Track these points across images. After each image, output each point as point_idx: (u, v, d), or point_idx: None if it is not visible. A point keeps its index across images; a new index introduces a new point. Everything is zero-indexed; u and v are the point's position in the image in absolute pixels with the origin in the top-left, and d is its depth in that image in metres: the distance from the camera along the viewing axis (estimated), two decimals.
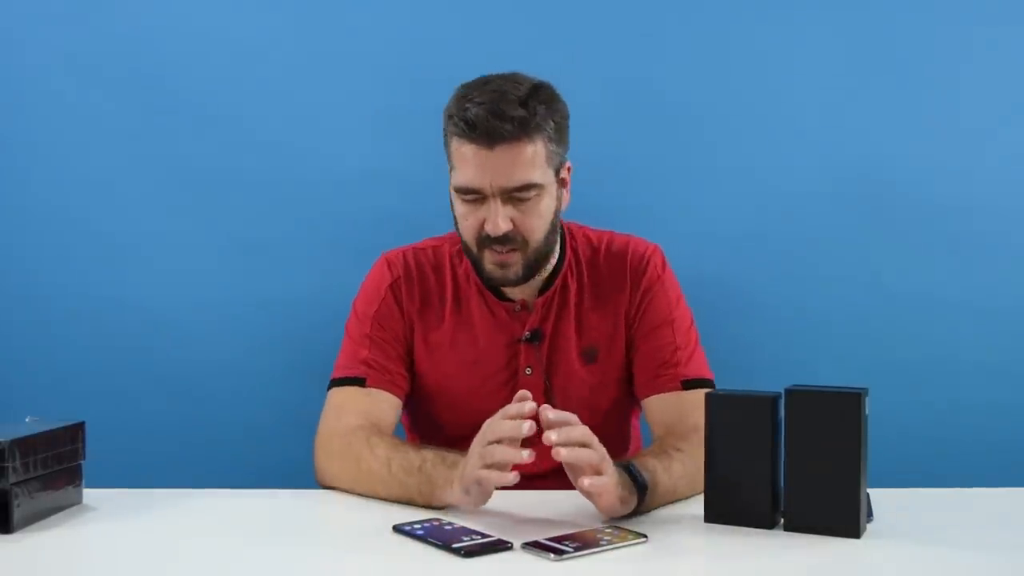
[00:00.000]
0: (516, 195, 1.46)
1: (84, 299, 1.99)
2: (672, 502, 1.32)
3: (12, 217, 1.99)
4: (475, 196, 1.47)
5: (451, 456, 1.31)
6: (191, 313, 2.00)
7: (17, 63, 1.98)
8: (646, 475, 1.26)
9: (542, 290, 1.59)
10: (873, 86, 2.01)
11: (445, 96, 1.59)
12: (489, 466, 1.21)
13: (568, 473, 1.23)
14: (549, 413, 1.21)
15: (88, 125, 1.98)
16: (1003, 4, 2.00)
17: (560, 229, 1.60)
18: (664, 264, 1.63)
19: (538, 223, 1.49)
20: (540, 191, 1.48)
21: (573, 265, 1.61)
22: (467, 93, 1.47)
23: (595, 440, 1.21)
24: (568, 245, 1.62)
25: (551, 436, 1.18)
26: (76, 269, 1.99)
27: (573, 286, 1.60)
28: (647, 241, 1.65)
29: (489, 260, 1.50)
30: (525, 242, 1.49)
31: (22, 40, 1.97)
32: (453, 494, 1.27)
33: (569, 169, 1.57)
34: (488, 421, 1.24)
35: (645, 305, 1.59)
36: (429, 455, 1.33)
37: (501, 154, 1.43)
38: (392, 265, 1.62)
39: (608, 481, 1.20)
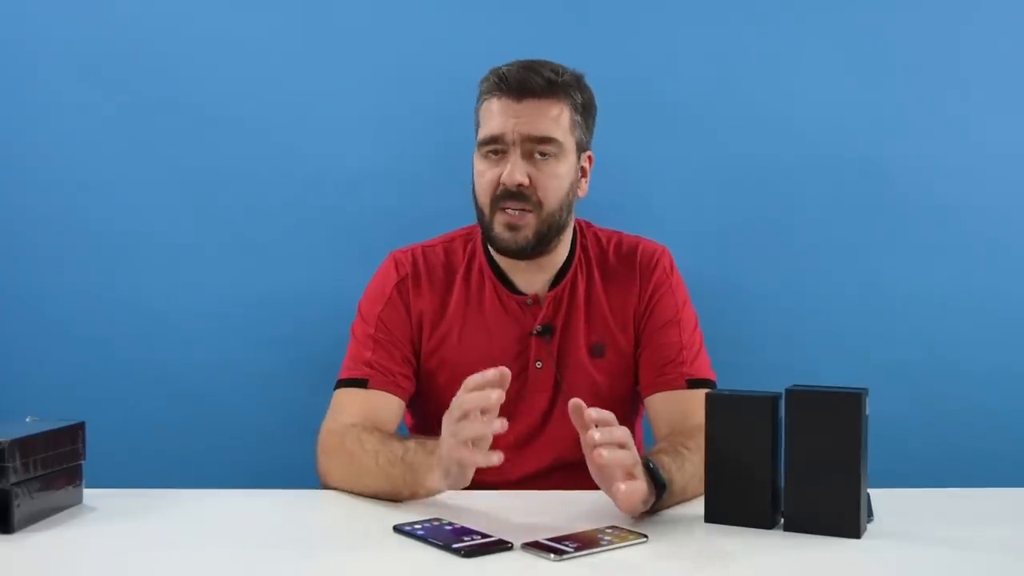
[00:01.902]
0: (536, 149, 1.50)
1: (84, 299, 1.99)
2: (681, 501, 1.32)
3: (12, 217, 1.99)
4: (496, 147, 1.51)
5: (431, 442, 1.31)
6: (191, 313, 2.00)
7: (17, 63, 1.98)
8: (664, 474, 1.26)
9: (552, 284, 1.59)
10: (873, 86, 2.01)
11: (445, 96, 1.60)
12: (466, 443, 1.18)
13: (595, 472, 1.21)
14: (593, 412, 1.19)
15: (88, 125, 1.98)
16: (1003, 3, 2.00)
17: (573, 226, 1.62)
18: (672, 265, 1.64)
19: (554, 185, 1.52)
20: (559, 150, 1.52)
21: (583, 261, 1.62)
22: (504, 63, 1.55)
23: (631, 442, 1.21)
24: (578, 241, 1.63)
25: (594, 435, 1.16)
26: (76, 269, 1.99)
27: (583, 282, 1.61)
28: (655, 242, 1.66)
29: (500, 222, 1.52)
30: (539, 204, 1.51)
31: (22, 40, 1.98)
32: (434, 479, 1.27)
33: (591, 159, 1.60)
34: (455, 398, 1.22)
35: (653, 304, 1.60)
36: (411, 444, 1.34)
37: (528, 106, 1.50)
38: (399, 264, 1.62)
39: (640, 486, 1.20)
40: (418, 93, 1.99)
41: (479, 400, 1.18)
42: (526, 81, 1.50)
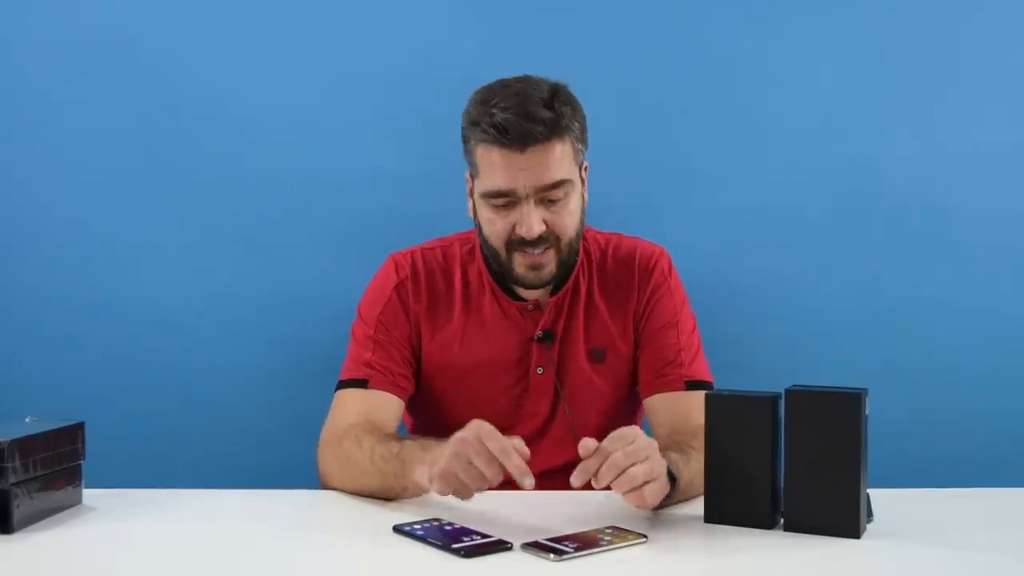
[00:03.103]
0: (549, 194, 1.47)
1: (84, 299, 1.99)
2: (686, 499, 1.32)
3: (12, 217, 1.99)
4: (507, 200, 1.48)
5: (427, 441, 1.31)
6: (191, 313, 2.00)
7: (17, 63, 1.98)
8: (674, 470, 1.25)
9: (554, 290, 1.59)
10: (873, 87, 2.01)
11: (446, 96, 1.59)
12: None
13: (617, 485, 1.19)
14: (591, 463, 1.17)
15: (88, 125, 1.98)
16: (1003, 4, 2.00)
17: None
18: (671, 267, 1.64)
19: (570, 221, 1.51)
20: (570, 188, 1.50)
21: (584, 265, 1.62)
22: (488, 98, 1.46)
23: (636, 447, 1.19)
24: (580, 246, 1.63)
25: (622, 488, 1.17)
26: (76, 269, 1.99)
27: (583, 286, 1.61)
28: (654, 244, 1.66)
29: (520, 263, 1.51)
30: (558, 240, 1.51)
31: (21, 40, 1.97)
32: (422, 473, 1.26)
33: (586, 168, 1.59)
34: (487, 438, 1.19)
35: (652, 306, 1.60)
36: (408, 442, 1.34)
37: (533, 156, 1.44)
38: (399, 266, 1.62)
39: (659, 471, 1.20)
40: (418, 94, 1.99)
41: (519, 470, 1.17)
42: (528, 133, 1.42)
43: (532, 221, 1.46)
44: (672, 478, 1.24)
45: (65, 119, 1.98)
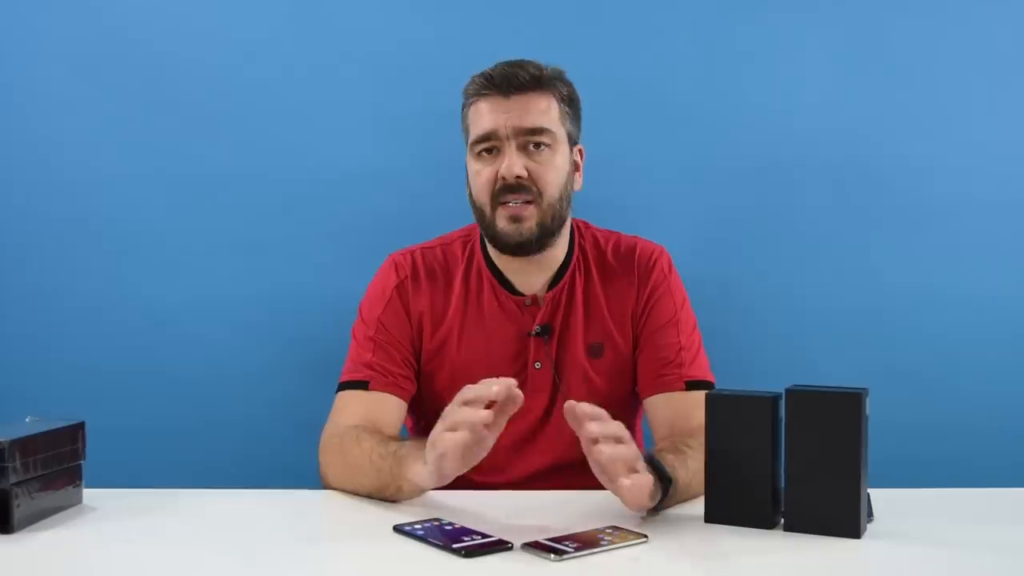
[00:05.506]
0: (530, 140, 1.51)
1: (85, 299, 1.99)
2: (685, 499, 1.32)
3: (12, 217, 1.99)
4: (490, 144, 1.52)
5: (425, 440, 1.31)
6: (191, 313, 2.00)
7: (17, 63, 1.98)
8: (669, 470, 1.25)
9: (551, 285, 1.60)
10: (873, 85, 2.01)
11: (445, 96, 1.60)
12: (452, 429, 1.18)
13: (597, 471, 1.19)
14: (587, 407, 1.18)
15: (88, 125, 1.98)
16: (1002, 3, 2.00)
17: (570, 226, 1.63)
18: (671, 266, 1.65)
19: (552, 176, 1.53)
20: (553, 141, 1.53)
21: (581, 261, 1.63)
22: (485, 68, 1.57)
23: (628, 435, 1.20)
24: (576, 242, 1.63)
25: (592, 427, 1.16)
26: (76, 269, 1.99)
27: (581, 282, 1.61)
28: (654, 243, 1.66)
29: (503, 216, 1.53)
30: (540, 194, 1.52)
31: (22, 39, 1.98)
32: (418, 468, 1.26)
33: (582, 152, 1.61)
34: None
35: (651, 305, 1.60)
36: (408, 442, 1.35)
37: (516, 101, 1.52)
38: (399, 267, 1.62)
39: (646, 479, 1.19)
40: (418, 94, 1.99)
41: (480, 390, 1.18)
42: (512, 77, 1.51)
43: (513, 161, 1.50)
44: (668, 480, 1.24)
45: (65, 119, 1.98)
